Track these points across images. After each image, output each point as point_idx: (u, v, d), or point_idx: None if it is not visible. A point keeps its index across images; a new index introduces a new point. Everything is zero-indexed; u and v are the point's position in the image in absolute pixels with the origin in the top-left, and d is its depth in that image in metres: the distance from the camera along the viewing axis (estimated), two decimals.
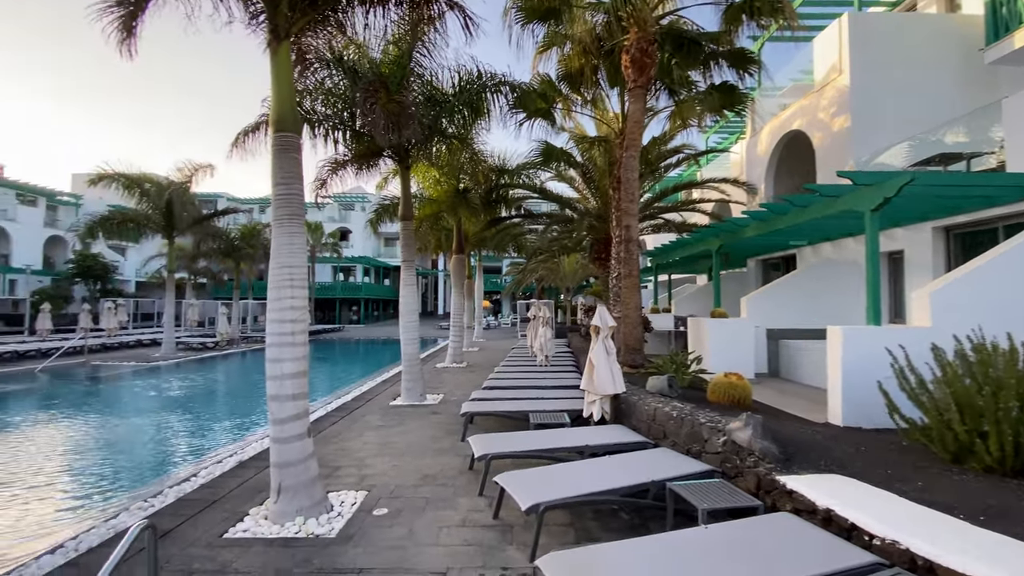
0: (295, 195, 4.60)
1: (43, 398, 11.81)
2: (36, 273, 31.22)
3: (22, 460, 7.22)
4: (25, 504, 5.55)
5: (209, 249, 22.61)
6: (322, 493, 4.61)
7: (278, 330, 4.44)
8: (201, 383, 14.19)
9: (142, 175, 16.46)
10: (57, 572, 3.49)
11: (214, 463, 6.05)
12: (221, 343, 21.83)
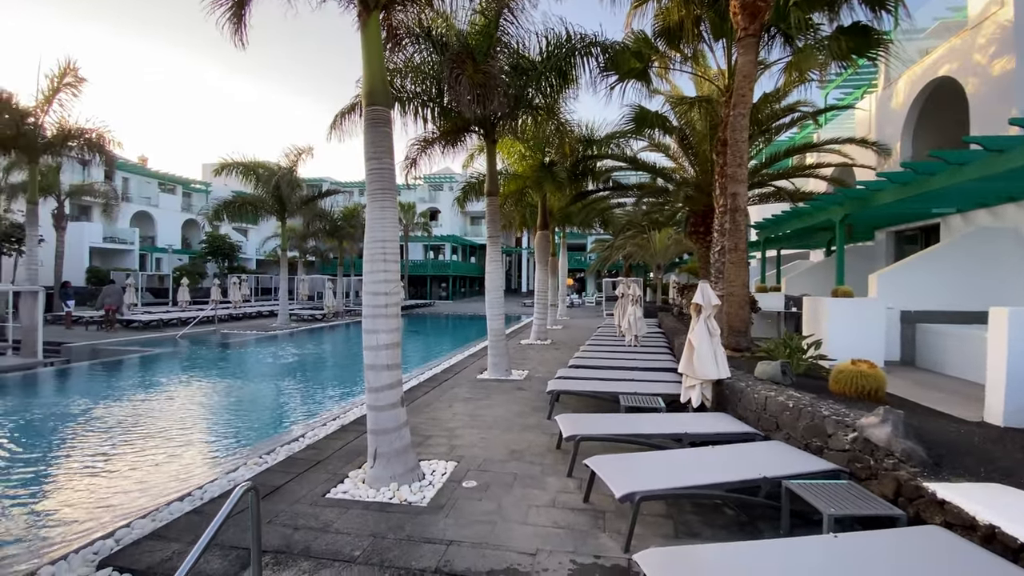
0: (386, 169, 4.61)
1: (183, 361, 13.59)
2: (176, 252, 36.02)
3: (164, 416, 8.30)
4: (164, 455, 6.33)
5: (316, 229, 24.48)
6: (414, 461, 4.71)
7: (372, 302, 4.53)
8: (310, 351, 15.51)
9: (256, 162, 18.06)
10: (184, 518, 3.88)
11: (319, 425, 6.49)
12: (328, 315, 23.76)
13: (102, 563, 3.29)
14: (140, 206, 34.56)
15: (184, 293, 22.65)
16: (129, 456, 6.13)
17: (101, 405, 8.61)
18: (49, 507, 4.79)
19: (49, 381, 10.47)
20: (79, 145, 12.80)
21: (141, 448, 6.42)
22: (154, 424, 7.56)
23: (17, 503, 4.90)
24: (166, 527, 3.74)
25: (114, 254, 31.22)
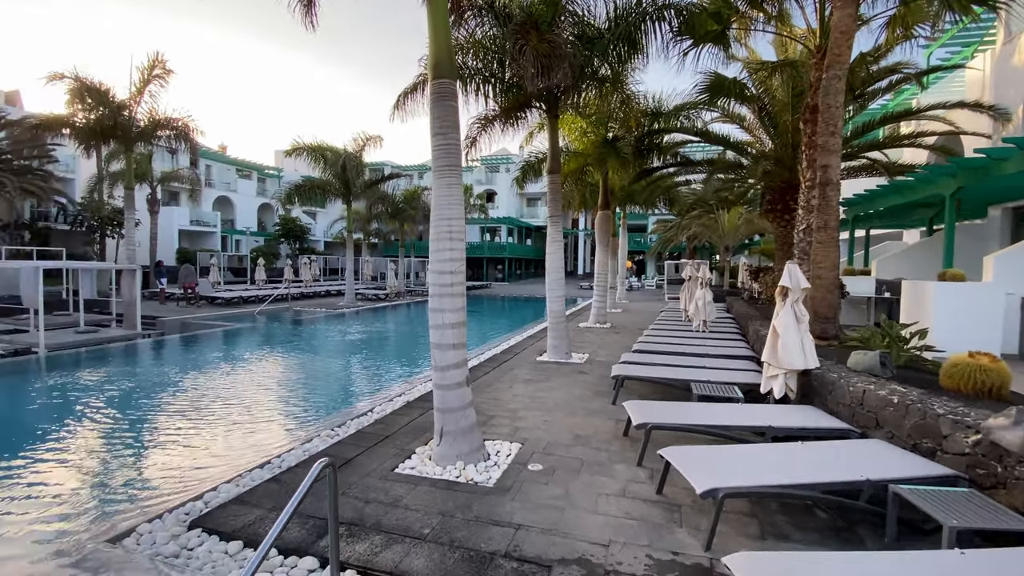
0: (452, 145, 4.50)
1: (260, 335, 14.51)
2: (253, 234, 38.45)
3: (244, 386, 8.85)
4: (245, 422, 6.72)
5: (379, 212, 25.22)
6: (480, 441, 4.67)
7: (438, 281, 4.48)
8: (374, 329, 16.08)
9: (323, 145, 18.72)
10: (264, 486, 4.05)
11: (386, 401, 6.64)
12: (390, 295, 24.57)
13: (192, 524, 3.49)
14: (220, 191, 37.07)
15: (260, 272, 24.16)
16: (215, 422, 6.57)
17: (190, 375, 9.33)
18: (146, 467, 5.21)
19: (147, 351, 11.50)
20: (167, 134, 13.75)
21: (225, 415, 6.87)
22: (235, 394, 8.08)
23: (120, 463, 5.37)
24: (248, 492, 3.92)
25: (199, 236, 33.80)
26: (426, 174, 46.49)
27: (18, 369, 9.18)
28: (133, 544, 3.31)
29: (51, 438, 6.05)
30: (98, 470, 5.17)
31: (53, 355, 10.10)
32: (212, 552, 3.18)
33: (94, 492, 4.59)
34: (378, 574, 2.94)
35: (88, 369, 9.56)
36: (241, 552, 3.20)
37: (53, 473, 5.03)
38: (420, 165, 48.96)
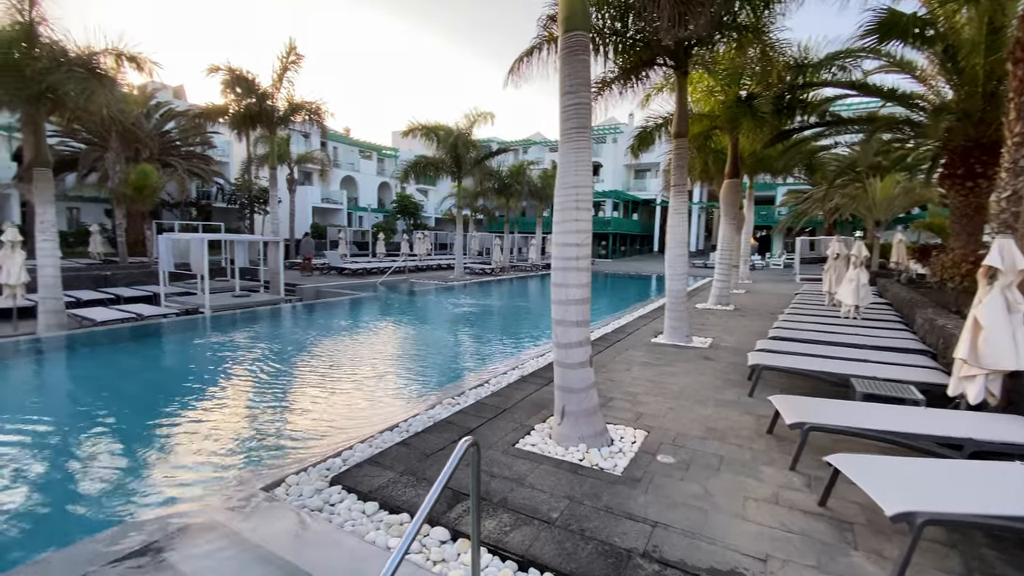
0: (583, 104, 4.14)
1: (382, 304, 15.57)
2: (374, 211, 41.44)
3: (371, 350, 9.47)
4: (373, 384, 7.14)
5: (486, 188, 25.63)
6: (603, 424, 4.41)
7: (563, 254, 4.22)
8: (483, 301, 16.48)
9: (436, 124, 19.26)
10: (395, 449, 4.18)
11: (501, 373, 6.64)
12: (496, 270, 25.07)
13: (333, 479, 3.69)
14: (346, 171, 40.33)
15: (380, 246, 25.96)
16: (346, 382, 7.09)
17: (324, 338, 10.25)
18: (291, 420, 5.72)
19: (288, 315, 12.88)
20: (303, 117, 15.02)
21: (354, 377, 7.38)
22: (362, 357, 8.69)
23: (270, 414, 5.98)
24: (381, 454, 4.07)
25: (329, 212, 37.24)
26: (531, 149, 46.28)
27: (189, 326, 10.76)
28: (283, 494, 3.58)
29: (214, 388, 6.95)
30: (253, 419, 5.80)
31: (215, 315, 11.69)
32: (351, 511, 3.31)
33: (249, 440, 5.14)
34: (509, 555, 2.84)
35: (242, 329, 10.93)
36: (377, 514, 3.29)
37: (216, 419, 5.73)
38: (525, 140, 48.84)
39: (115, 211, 19.22)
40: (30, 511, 3.87)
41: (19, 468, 4.54)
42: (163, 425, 5.59)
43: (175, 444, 5.05)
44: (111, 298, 13.02)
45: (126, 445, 5.09)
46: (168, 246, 12.97)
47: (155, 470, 4.49)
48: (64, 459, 4.76)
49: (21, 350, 8.36)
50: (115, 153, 18.25)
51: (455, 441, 4.35)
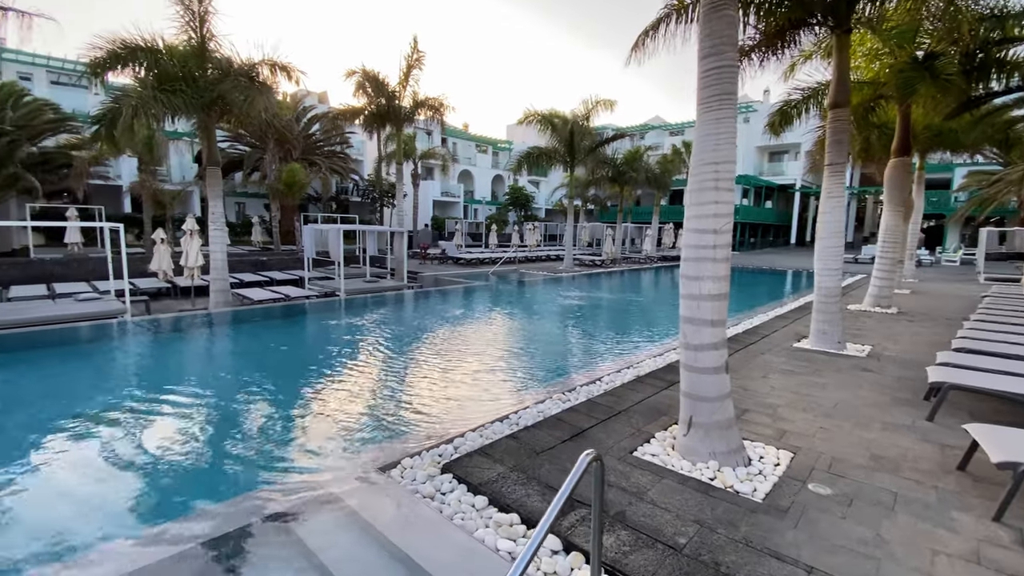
0: (727, 67, 3.56)
1: (494, 293, 15.88)
2: (488, 203, 42.73)
3: (481, 339, 9.58)
4: (483, 373, 7.16)
5: (599, 176, 24.89)
6: (739, 441, 3.84)
7: (697, 242, 3.70)
8: (593, 294, 16.01)
9: (552, 112, 19.04)
10: (504, 441, 4.05)
11: (615, 372, 6.24)
12: (607, 261, 24.31)
13: (444, 467, 3.65)
14: (463, 165, 42.02)
15: (493, 237, 26.60)
16: (458, 369, 7.21)
17: (441, 324, 10.65)
18: (408, 401, 5.91)
19: (410, 300, 13.68)
20: (426, 114, 15.76)
21: (466, 363, 7.49)
22: (474, 344, 8.82)
23: (389, 394, 6.25)
24: (490, 446, 3.97)
25: (447, 205, 39.17)
26: (648, 134, 44.05)
27: (326, 307, 11.88)
28: (398, 476, 3.62)
29: (343, 365, 7.50)
30: (375, 397, 6.11)
31: (349, 298, 12.78)
32: (461, 502, 3.22)
33: (370, 417, 5.39)
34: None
35: (371, 312, 11.80)
36: (486, 509, 3.17)
37: (343, 395, 6.13)
38: (642, 126, 46.61)
39: (271, 205, 22.06)
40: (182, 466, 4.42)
41: (181, 425, 5.25)
42: (299, 396, 6.13)
43: (308, 415, 5.49)
44: (266, 280, 14.93)
45: (267, 412, 5.65)
46: (311, 236, 14.49)
47: (289, 437, 4.89)
48: (217, 420, 5.42)
49: (196, 323, 9.86)
50: (271, 154, 20.90)
51: (566, 440, 4.10)
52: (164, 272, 12.02)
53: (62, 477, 4.09)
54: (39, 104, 16.71)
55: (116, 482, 4.01)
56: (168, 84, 9.89)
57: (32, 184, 14.74)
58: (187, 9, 9.92)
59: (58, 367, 7.27)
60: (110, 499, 3.75)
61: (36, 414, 5.43)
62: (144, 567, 2.68)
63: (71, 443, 4.70)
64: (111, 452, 4.50)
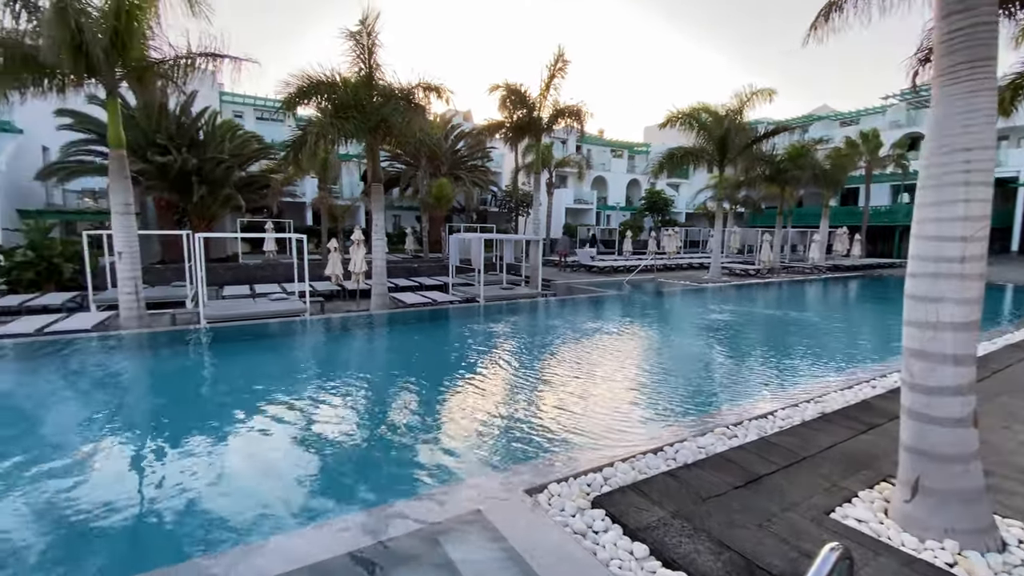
0: (982, 25, 2.70)
1: (630, 303, 15.12)
2: (622, 209, 41.47)
3: (620, 354, 9.04)
4: (627, 395, 6.66)
5: (754, 176, 22.45)
6: (989, 517, 2.88)
7: (936, 252, 2.85)
8: (747, 308, 14.33)
9: (702, 106, 17.62)
10: (661, 479, 3.57)
11: (791, 405, 5.30)
12: (762, 271, 21.74)
13: (596, 501, 3.32)
14: (597, 172, 41.43)
15: (627, 244, 25.60)
16: (598, 385, 6.82)
17: (577, 334, 10.36)
18: (548, 417, 5.68)
19: (544, 308, 13.66)
20: (565, 122, 15.68)
21: (608, 380, 7.06)
22: (612, 359, 8.34)
23: (528, 406, 6.11)
24: (646, 483, 3.53)
25: (580, 212, 38.93)
26: (813, 126, 38.77)
27: (467, 312, 12.38)
28: (545, 502, 3.38)
29: (483, 371, 7.60)
30: (513, 409, 6.03)
31: (487, 304, 13.19)
32: (618, 547, 2.86)
33: (510, 429, 5.28)
34: None
35: (507, 318, 12.00)
36: (648, 561, 2.76)
37: (482, 403, 6.15)
38: (805, 117, 41.20)
39: (422, 217, 24.02)
40: (333, 461, 4.73)
41: (337, 419, 5.69)
42: (444, 400, 6.32)
43: (452, 420, 5.59)
44: (416, 285, 16.17)
45: (415, 413, 5.89)
46: (456, 244, 15.34)
47: (436, 442, 4.99)
48: (370, 417, 5.79)
49: (359, 322, 10.96)
50: (423, 170, 22.78)
51: (738, 487, 3.49)
52: (336, 276, 13.67)
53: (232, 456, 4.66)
54: (248, 136, 20.39)
55: (272, 470, 4.43)
56: (342, 112, 11.22)
57: (241, 202, 17.99)
58: (358, 44, 11.15)
59: (254, 356, 8.60)
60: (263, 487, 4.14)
61: (229, 393, 6.40)
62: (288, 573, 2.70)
63: (247, 423, 5.39)
64: (275, 437, 5.05)
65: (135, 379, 7.39)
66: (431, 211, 23.83)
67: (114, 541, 3.44)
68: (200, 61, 9.94)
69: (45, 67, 8.46)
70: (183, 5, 9.00)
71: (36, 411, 6.01)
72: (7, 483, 4.07)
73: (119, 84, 9.60)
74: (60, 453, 4.69)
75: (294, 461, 4.60)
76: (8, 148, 17.30)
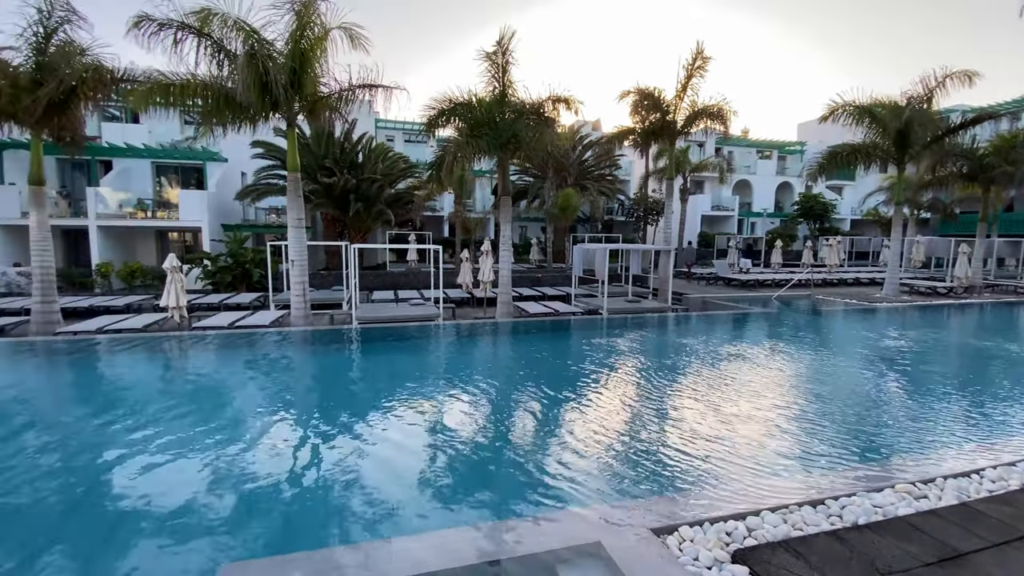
0: None
1: (777, 324, 13.41)
2: (769, 215, 37.36)
3: (766, 383, 7.99)
4: (771, 432, 5.81)
5: (945, 175, 18.59)
6: None
7: None
8: (936, 335, 11.81)
9: (873, 101, 15.11)
10: (823, 540, 2.94)
11: (1003, 464, 4.12)
12: (956, 289, 17.81)
13: (736, 555, 2.86)
14: (740, 175, 37.99)
15: (776, 255, 22.93)
16: (736, 414, 6.06)
17: (712, 356, 9.43)
18: (673, 448, 5.16)
19: (673, 324, 12.76)
20: (704, 123, 14.63)
21: (746, 408, 6.26)
22: (753, 385, 7.39)
23: (649, 435, 5.64)
24: (801, 542, 2.96)
25: (718, 220, 36.04)
26: None
27: (589, 324, 12.08)
28: (675, 546, 3.01)
29: (604, 388, 7.25)
30: (634, 431, 5.62)
31: (610, 317, 12.74)
32: None
33: (631, 454, 4.90)
34: None
35: (631, 333, 11.44)
36: None
37: (600, 423, 5.82)
38: (1017, 101, 33.13)
39: (547, 227, 24.33)
40: (452, 468, 4.79)
41: (460, 425, 5.82)
42: (563, 415, 6.15)
43: (573, 437, 5.39)
44: (539, 295, 16.33)
45: (535, 426, 5.80)
46: (579, 255, 15.17)
47: (556, 458, 4.83)
48: (491, 426, 5.83)
49: (485, 329, 11.36)
50: (550, 182, 23.09)
51: (930, 564, 2.74)
52: (466, 284, 14.41)
53: (363, 446, 4.99)
54: (397, 157, 22.64)
55: (396, 465, 4.63)
56: (476, 131, 11.82)
57: (390, 216, 19.99)
58: (493, 64, 11.67)
59: (394, 356, 9.37)
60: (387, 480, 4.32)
61: (370, 388, 6.98)
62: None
63: (381, 417, 5.78)
64: (403, 433, 5.33)
65: (298, 370, 8.53)
66: (556, 221, 24.02)
67: (258, 508, 3.89)
68: (359, 92, 11.26)
69: (240, 106, 10.28)
70: (345, 39, 10.29)
71: (219, 390, 7.23)
72: (195, 445, 4.89)
73: (296, 116, 11.29)
74: (235, 425, 5.53)
75: (416, 459, 4.83)
76: (217, 174, 21.51)
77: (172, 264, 10.31)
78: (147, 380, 7.95)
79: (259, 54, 9.57)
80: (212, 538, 3.56)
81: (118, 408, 6.41)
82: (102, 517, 3.87)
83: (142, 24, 9.14)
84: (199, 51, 9.60)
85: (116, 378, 8.23)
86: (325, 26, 10.23)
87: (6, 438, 5.37)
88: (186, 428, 5.54)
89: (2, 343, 9.44)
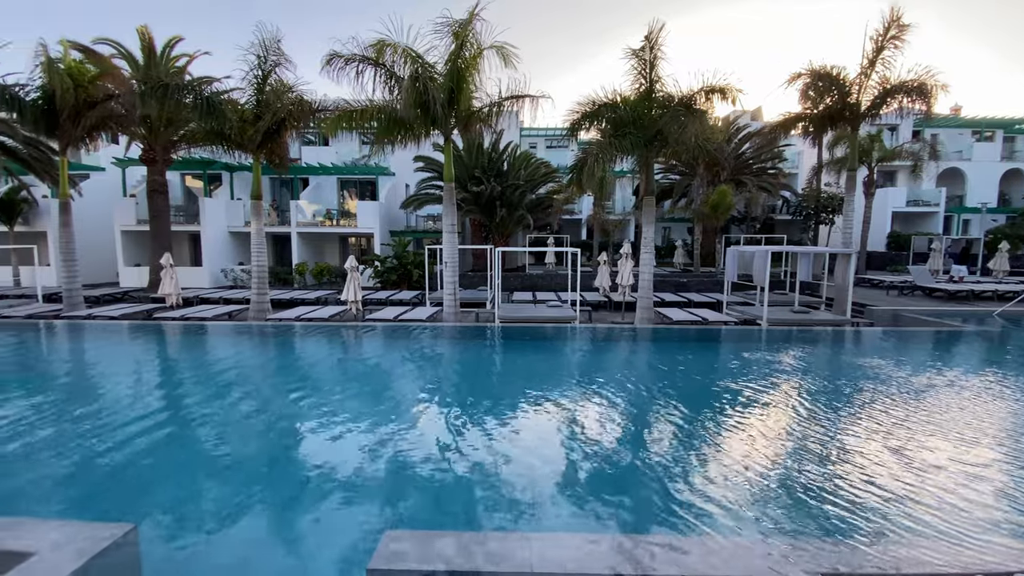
0: None
1: (997, 346, 10.60)
2: (990, 211, 29.80)
3: (971, 427, 6.39)
4: (976, 492, 4.61)
5: None
6: None
7: None
8: None
9: None
10: None
11: None
12: None
13: None
14: (948, 163, 31.02)
15: (1001, 261, 18.22)
16: (941, 463, 4.92)
17: (902, 382, 7.83)
18: (843, 489, 4.39)
19: (852, 341, 10.88)
20: (899, 103, 12.26)
21: (960, 455, 5.04)
22: (965, 429, 5.91)
23: (813, 472, 4.87)
24: None
25: (915, 217, 29.91)
26: None
27: (744, 336, 10.90)
28: None
29: (756, 411, 6.47)
30: (800, 465, 4.90)
31: (771, 329, 11.36)
32: None
33: (792, 490, 4.28)
34: None
35: (798, 348, 10.05)
36: None
37: (749, 456, 5.19)
38: None
39: (694, 228, 22.74)
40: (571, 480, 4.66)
41: (589, 431, 5.67)
42: (707, 434, 5.64)
43: (716, 459, 4.92)
44: (684, 301, 15.32)
45: (675, 441, 5.42)
46: (734, 258, 13.84)
47: (694, 475, 4.46)
48: (624, 434, 5.60)
49: (623, 335, 11.00)
50: (700, 179, 21.51)
51: None
52: (603, 288, 14.18)
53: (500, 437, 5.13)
54: (538, 163, 23.26)
55: (532, 461, 4.67)
56: (619, 130, 11.55)
57: (530, 221, 20.64)
58: (640, 60, 11.28)
59: (532, 354, 9.63)
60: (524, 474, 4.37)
61: (510, 383, 7.24)
62: None
63: (520, 413, 5.92)
64: (539, 431, 5.37)
65: (448, 361, 9.28)
66: (705, 222, 22.27)
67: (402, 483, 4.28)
68: (507, 103, 11.84)
69: (405, 124, 11.52)
70: (498, 57, 10.89)
71: (387, 374, 8.19)
72: (364, 420, 5.60)
73: (452, 131, 12.28)
74: (396, 406, 6.21)
75: (555, 458, 4.86)
76: (386, 186, 24.55)
77: (351, 265, 12.11)
78: (330, 361, 9.43)
79: (421, 76, 10.65)
80: (374, 505, 4.04)
81: (307, 382, 7.72)
82: (294, 474, 4.67)
83: (333, 61, 10.86)
84: (375, 79, 11.07)
85: (308, 356, 9.91)
86: (479, 46, 10.96)
87: (234, 401, 6.81)
88: (358, 406, 6.42)
89: (229, 325, 12.06)
